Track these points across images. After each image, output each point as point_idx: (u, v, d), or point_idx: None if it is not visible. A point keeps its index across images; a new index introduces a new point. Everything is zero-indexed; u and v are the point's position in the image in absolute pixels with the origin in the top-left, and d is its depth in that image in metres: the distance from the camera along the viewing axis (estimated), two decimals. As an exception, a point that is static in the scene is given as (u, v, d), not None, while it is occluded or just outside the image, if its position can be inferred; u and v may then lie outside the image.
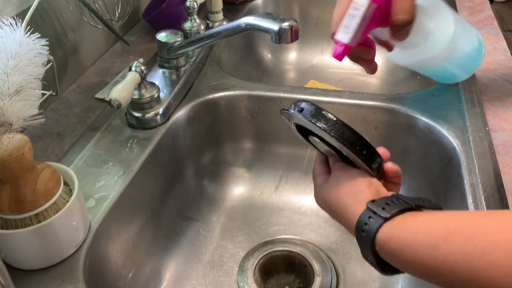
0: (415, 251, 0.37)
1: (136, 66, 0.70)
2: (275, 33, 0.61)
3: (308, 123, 0.47)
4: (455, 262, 0.35)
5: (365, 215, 0.42)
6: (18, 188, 0.49)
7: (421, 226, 0.38)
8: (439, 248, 0.36)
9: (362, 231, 0.41)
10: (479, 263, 0.34)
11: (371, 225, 0.40)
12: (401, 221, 0.40)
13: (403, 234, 0.38)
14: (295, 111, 0.48)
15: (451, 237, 0.36)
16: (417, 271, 0.39)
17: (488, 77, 0.82)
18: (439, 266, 0.36)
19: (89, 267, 0.54)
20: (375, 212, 0.41)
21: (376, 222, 0.40)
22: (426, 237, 0.37)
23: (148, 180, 0.69)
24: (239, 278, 0.72)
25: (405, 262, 0.39)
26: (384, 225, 0.40)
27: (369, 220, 0.41)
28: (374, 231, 0.40)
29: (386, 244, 0.39)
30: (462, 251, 0.35)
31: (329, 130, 0.45)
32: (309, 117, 0.46)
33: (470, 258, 0.34)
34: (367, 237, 0.40)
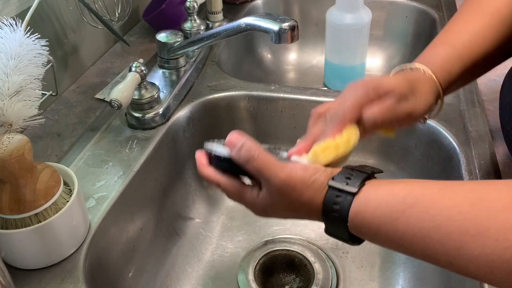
0: (377, 224, 0.39)
1: (136, 66, 0.70)
2: (275, 34, 0.61)
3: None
4: (413, 235, 0.37)
5: (331, 195, 0.41)
6: (18, 188, 0.49)
7: (383, 199, 0.39)
8: (399, 222, 0.37)
9: (333, 211, 0.40)
10: (434, 236, 0.35)
11: (341, 204, 0.40)
12: (364, 194, 0.40)
13: (368, 208, 0.39)
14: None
15: (408, 211, 0.37)
16: (381, 243, 0.40)
17: (488, 77, 0.82)
18: (399, 239, 0.38)
19: (89, 266, 0.54)
20: (340, 190, 0.40)
21: (346, 199, 0.40)
22: (388, 211, 0.38)
23: (148, 180, 0.69)
24: (239, 278, 0.72)
25: (370, 235, 0.40)
26: (353, 203, 0.40)
27: (337, 199, 0.40)
28: (346, 209, 0.40)
29: (353, 220, 0.40)
30: (419, 225, 0.36)
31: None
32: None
33: (426, 231, 0.36)
34: (340, 216, 0.40)
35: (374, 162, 0.82)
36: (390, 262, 0.73)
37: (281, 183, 0.43)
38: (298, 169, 0.43)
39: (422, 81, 0.50)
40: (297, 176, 0.42)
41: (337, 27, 0.92)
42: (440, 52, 0.52)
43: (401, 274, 0.71)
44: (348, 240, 0.42)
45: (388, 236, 0.38)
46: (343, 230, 0.41)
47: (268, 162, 0.43)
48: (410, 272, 0.70)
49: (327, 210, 0.41)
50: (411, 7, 1.09)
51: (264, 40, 1.12)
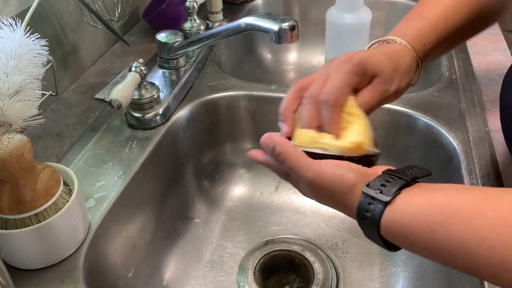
0: (415, 235, 0.37)
1: (136, 66, 0.70)
2: (275, 34, 0.61)
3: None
4: (453, 247, 0.35)
5: (364, 202, 0.40)
6: (18, 188, 0.49)
7: (420, 208, 0.38)
8: (438, 234, 0.36)
9: (365, 218, 0.40)
10: (477, 249, 0.34)
11: (373, 212, 0.39)
12: (400, 204, 0.39)
13: (404, 218, 0.38)
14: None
15: (448, 222, 0.35)
16: (419, 253, 0.39)
17: (488, 77, 0.82)
18: (439, 250, 0.36)
19: (89, 267, 0.54)
20: (373, 198, 0.40)
21: (377, 208, 0.39)
22: (425, 222, 0.37)
23: (148, 180, 0.69)
24: (239, 278, 0.72)
25: (408, 245, 0.39)
26: (385, 210, 0.39)
27: (369, 207, 0.40)
28: (377, 218, 0.39)
29: (389, 229, 0.39)
30: (460, 236, 0.35)
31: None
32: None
33: (467, 243, 0.34)
34: (372, 224, 0.40)
35: (374, 162, 0.82)
36: (390, 262, 0.73)
37: (311, 182, 0.43)
38: (329, 167, 0.43)
39: (402, 54, 0.51)
40: (326, 175, 0.42)
41: (337, 27, 0.92)
42: (414, 25, 0.53)
43: (401, 274, 0.71)
44: (384, 247, 0.41)
45: (426, 247, 0.37)
46: (376, 237, 0.40)
47: (298, 161, 0.44)
48: (410, 272, 0.70)
49: (360, 216, 0.41)
50: (411, 7, 1.08)
51: (264, 40, 1.12)
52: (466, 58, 0.87)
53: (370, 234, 0.41)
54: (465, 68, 0.84)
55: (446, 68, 0.85)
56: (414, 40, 0.52)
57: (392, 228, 0.39)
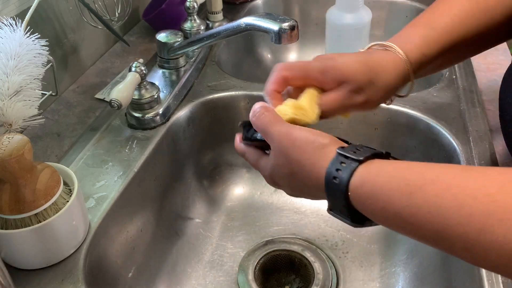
0: (388, 197, 0.35)
1: (136, 66, 0.70)
2: (275, 34, 0.61)
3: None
4: (429, 213, 0.33)
5: (336, 161, 0.38)
6: (18, 188, 0.49)
7: (398, 172, 0.36)
8: (414, 197, 0.34)
9: (334, 178, 0.38)
10: (454, 216, 0.32)
11: (344, 170, 0.37)
12: (376, 165, 0.38)
13: (378, 178, 0.36)
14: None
15: (427, 186, 0.34)
16: (387, 220, 0.37)
17: (488, 77, 0.82)
18: (411, 216, 0.34)
19: (89, 267, 0.54)
20: (347, 157, 0.38)
21: (349, 165, 0.38)
22: (402, 184, 0.35)
23: (148, 180, 0.69)
24: (239, 278, 0.72)
25: (376, 210, 0.37)
26: (358, 167, 0.37)
27: (341, 165, 0.38)
28: (348, 175, 0.37)
29: (359, 189, 0.37)
30: (438, 202, 0.33)
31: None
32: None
33: (445, 210, 0.33)
34: (340, 183, 0.38)
35: (374, 162, 0.82)
36: (390, 262, 0.73)
37: (281, 136, 0.43)
38: (303, 129, 0.43)
39: (387, 66, 0.49)
40: (299, 133, 0.42)
41: (337, 27, 0.92)
42: (418, 32, 0.51)
43: (401, 274, 0.71)
44: (348, 217, 0.39)
45: (397, 213, 0.35)
46: (342, 201, 0.38)
47: (273, 119, 0.45)
48: (410, 272, 0.70)
49: (329, 175, 0.39)
50: (411, 7, 1.09)
51: (264, 40, 1.12)
52: (466, 58, 0.87)
53: (335, 200, 0.39)
54: (465, 68, 0.84)
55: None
56: (414, 48, 0.50)
57: (362, 189, 0.37)
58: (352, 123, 0.79)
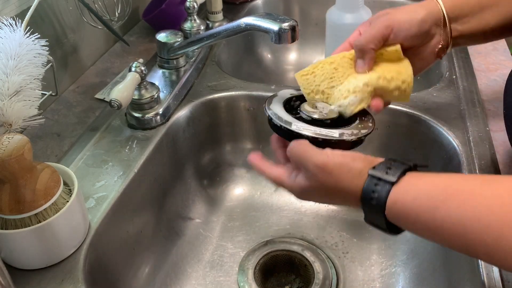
0: (416, 213, 0.38)
1: (136, 66, 0.70)
2: (275, 34, 0.61)
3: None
4: (452, 224, 0.36)
5: (370, 183, 0.41)
6: (18, 188, 0.49)
7: (423, 188, 0.39)
8: (438, 212, 0.37)
9: (371, 199, 0.41)
10: (474, 226, 0.35)
11: (379, 192, 0.40)
12: (404, 184, 0.40)
13: (407, 197, 0.39)
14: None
15: (449, 200, 0.37)
16: (419, 233, 0.40)
17: (488, 77, 0.82)
18: (438, 229, 0.37)
19: (89, 267, 0.54)
20: (379, 178, 0.41)
21: (384, 187, 0.40)
22: (427, 200, 0.38)
23: (148, 180, 0.69)
24: (240, 278, 0.72)
25: (409, 223, 0.40)
26: (392, 189, 0.40)
27: (376, 188, 0.41)
28: (384, 197, 0.40)
29: (392, 207, 0.40)
30: (458, 214, 0.36)
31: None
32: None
33: (465, 221, 0.36)
34: (378, 204, 0.40)
35: (374, 162, 0.82)
36: (390, 262, 0.73)
37: (317, 169, 0.44)
38: (336, 155, 0.44)
39: (411, 5, 0.53)
40: (334, 162, 0.44)
41: (337, 27, 0.92)
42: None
43: (401, 274, 0.71)
44: (386, 230, 0.42)
45: (426, 226, 0.38)
46: (380, 218, 0.41)
47: (305, 149, 0.46)
48: (410, 272, 0.70)
49: (365, 198, 0.41)
50: (411, 7, 1.08)
51: (264, 40, 1.12)
52: (466, 58, 0.87)
53: (373, 216, 0.42)
54: (465, 68, 0.84)
55: (446, 68, 0.85)
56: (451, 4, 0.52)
57: (395, 207, 0.40)
58: (352, 123, 0.79)
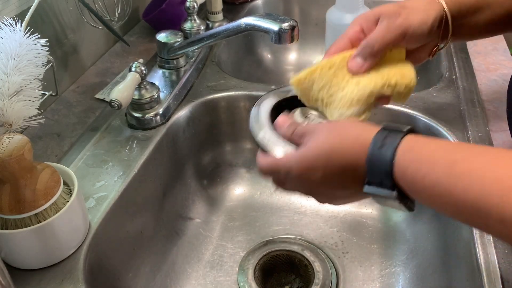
0: (432, 164, 0.36)
1: (136, 66, 0.70)
2: (275, 34, 0.61)
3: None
4: (469, 184, 0.34)
5: (382, 133, 0.39)
6: (18, 188, 0.49)
7: (446, 144, 0.37)
8: (456, 166, 0.35)
9: (380, 146, 0.38)
10: (493, 187, 0.33)
11: (391, 139, 0.38)
12: (420, 137, 0.38)
13: (426, 146, 0.37)
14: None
15: (470, 158, 0.35)
16: (425, 190, 0.36)
17: (488, 77, 0.82)
18: (451, 186, 0.35)
19: (89, 267, 0.54)
20: (389, 131, 0.39)
21: (395, 137, 0.38)
22: (446, 153, 0.36)
23: (148, 180, 0.69)
24: (240, 278, 0.72)
25: (418, 177, 0.36)
26: (406, 136, 0.38)
27: (384, 141, 0.38)
28: (396, 143, 0.37)
29: (406, 154, 0.37)
30: (479, 174, 0.34)
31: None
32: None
33: (484, 182, 0.33)
34: (385, 153, 0.37)
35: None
36: (390, 262, 0.74)
37: (330, 125, 0.44)
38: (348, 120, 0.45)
39: (417, 3, 0.50)
40: (346, 121, 0.45)
41: (337, 27, 0.92)
42: None
43: (401, 274, 0.71)
44: (388, 186, 0.38)
45: (438, 182, 0.35)
46: (388, 170, 0.38)
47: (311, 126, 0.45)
48: (410, 272, 0.70)
49: (374, 146, 0.38)
50: (411, 7, 1.09)
51: (264, 40, 1.12)
52: (466, 58, 0.87)
53: (379, 167, 0.38)
54: (465, 68, 0.84)
55: (446, 68, 0.85)
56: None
57: (410, 154, 0.37)
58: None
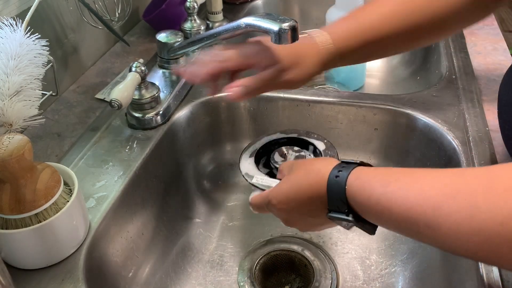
0: (372, 188, 0.42)
1: (136, 66, 0.70)
2: (275, 34, 0.61)
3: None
4: (400, 197, 0.40)
5: (336, 168, 0.46)
6: (18, 188, 0.49)
7: (380, 171, 0.44)
8: (389, 186, 0.41)
9: (336, 176, 0.45)
10: (417, 198, 0.39)
11: (343, 171, 0.45)
12: (365, 168, 0.46)
13: (367, 175, 0.44)
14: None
15: (400, 179, 0.41)
16: (370, 209, 0.43)
17: (488, 77, 0.82)
18: (388, 201, 0.41)
19: (89, 266, 0.54)
20: (345, 164, 0.46)
21: (347, 169, 0.45)
22: (382, 178, 0.43)
23: (148, 180, 0.69)
24: (240, 278, 0.72)
25: (364, 200, 0.43)
26: (355, 168, 0.45)
27: (342, 168, 0.46)
28: (347, 174, 0.45)
29: (354, 182, 0.44)
30: (406, 188, 0.40)
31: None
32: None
33: (411, 195, 0.39)
34: (341, 180, 0.45)
35: (374, 162, 0.82)
36: (390, 261, 0.74)
37: (290, 165, 0.53)
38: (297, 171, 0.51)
39: (311, 53, 0.56)
40: (313, 158, 0.55)
41: (337, 27, 0.92)
42: (346, 24, 0.58)
43: (401, 274, 0.71)
44: (344, 210, 0.45)
45: (378, 201, 0.41)
46: (341, 195, 0.45)
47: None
48: (410, 272, 0.70)
49: (331, 176, 0.46)
50: (411, 7, 1.08)
51: (264, 40, 1.12)
52: (466, 58, 0.87)
53: (334, 195, 0.45)
54: (465, 68, 0.84)
55: (446, 68, 0.85)
56: (340, 39, 0.56)
57: (356, 182, 0.44)
58: (352, 123, 0.79)
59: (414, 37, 0.58)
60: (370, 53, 0.59)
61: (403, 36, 0.57)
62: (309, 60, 0.56)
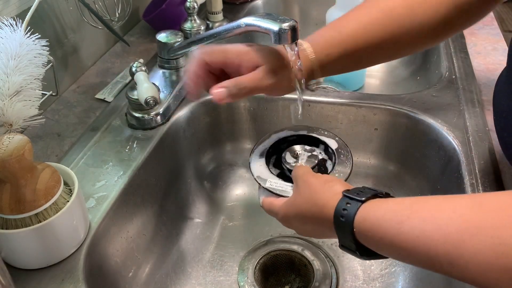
0: (383, 229, 0.40)
1: (137, 66, 0.70)
2: (275, 34, 0.61)
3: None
4: (417, 237, 0.38)
5: (342, 202, 0.44)
6: (18, 188, 0.49)
7: (390, 207, 0.41)
8: (403, 226, 0.39)
9: (341, 216, 0.43)
10: (435, 237, 0.37)
11: (349, 210, 0.43)
12: (373, 203, 0.43)
13: (375, 214, 0.41)
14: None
15: (413, 215, 0.39)
16: (385, 249, 0.41)
17: (488, 77, 0.82)
18: (403, 242, 0.39)
19: (89, 266, 0.54)
20: (351, 198, 0.44)
21: (353, 206, 0.43)
22: (393, 216, 0.40)
23: (148, 180, 0.69)
24: (239, 278, 0.72)
25: (376, 241, 0.41)
26: (361, 207, 0.43)
27: (347, 206, 0.43)
28: (353, 214, 0.42)
29: (361, 225, 0.42)
30: (421, 227, 0.38)
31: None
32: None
33: (427, 233, 0.37)
34: (347, 221, 0.43)
35: (374, 162, 0.82)
36: (390, 262, 0.74)
37: (301, 181, 0.50)
38: (319, 176, 0.50)
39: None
40: (315, 178, 0.50)
41: (337, 27, 0.92)
42: (325, 34, 0.57)
43: (401, 274, 0.71)
44: (355, 251, 0.44)
45: (393, 243, 0.40)
46: (349, 236, 0.43)
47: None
48: (410, 272, 0.70)
49: (337, 214, 0.44)
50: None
51: (264, 40, 1.12)
52: (465, 58, 0.87)
53: (344, 236, 0.44)
54: (465, 68, 0.84)
55: (446, 68, 0.85)
56: (319, 49, 0.55)
57: (364, 223, 0.42)
58: (352, 123, 0.79)
59: (397, 46, 0.57)
60: (352, 63, 0.58)
61: (385, 45, 0.56)
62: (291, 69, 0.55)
